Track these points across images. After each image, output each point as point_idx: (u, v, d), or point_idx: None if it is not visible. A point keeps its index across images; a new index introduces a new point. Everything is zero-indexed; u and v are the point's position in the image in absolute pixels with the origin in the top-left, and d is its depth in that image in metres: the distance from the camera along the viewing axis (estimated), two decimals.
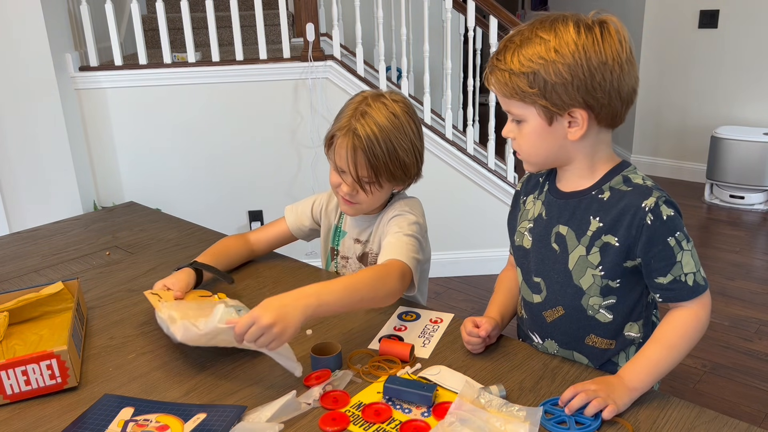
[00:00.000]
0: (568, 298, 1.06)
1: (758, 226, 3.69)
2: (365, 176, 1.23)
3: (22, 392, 0.97)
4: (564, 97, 0.95)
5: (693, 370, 2.27)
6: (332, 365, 1.02)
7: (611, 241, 1.00)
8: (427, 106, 2.98)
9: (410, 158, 1.25)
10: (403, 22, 2.99)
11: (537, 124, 0.99)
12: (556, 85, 0.94)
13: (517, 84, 0.96)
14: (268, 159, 2.94)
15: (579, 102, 0.95)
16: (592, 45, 0.93)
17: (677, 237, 0.96)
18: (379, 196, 1.29)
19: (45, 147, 2.66)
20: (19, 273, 1.47)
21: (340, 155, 1.24)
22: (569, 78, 0.93)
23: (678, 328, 0.98)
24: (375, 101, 1.24)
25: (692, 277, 0.97)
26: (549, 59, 0.93)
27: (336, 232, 1.43)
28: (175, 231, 1.71)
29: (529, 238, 1.11)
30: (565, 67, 0.93)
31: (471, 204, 3.05)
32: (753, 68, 4.03)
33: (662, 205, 0.96)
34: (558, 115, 0.97)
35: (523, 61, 0.95)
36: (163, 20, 2.77)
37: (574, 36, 0.93)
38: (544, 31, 0.95)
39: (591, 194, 1.03)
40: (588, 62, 0.93)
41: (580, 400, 0.89)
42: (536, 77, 0.94)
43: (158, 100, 2.83)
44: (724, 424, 0.88)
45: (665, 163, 4.48)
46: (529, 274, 1.12)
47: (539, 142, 1.01)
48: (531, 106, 0.98)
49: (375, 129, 1.20)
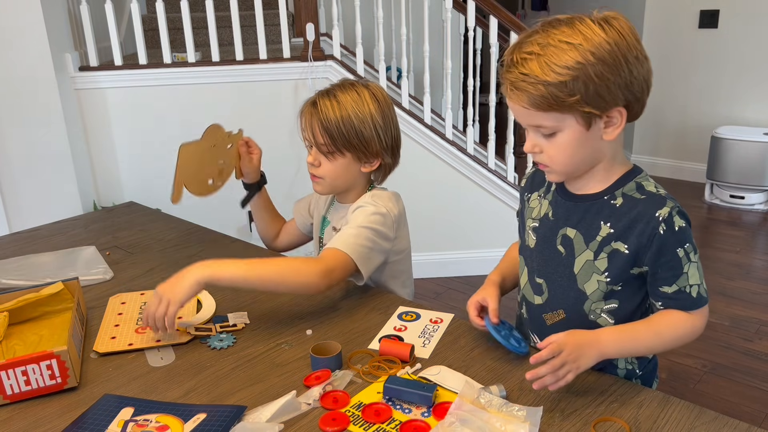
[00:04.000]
0: (570, 302, 1.05)
1: (758, 226, 3.69)
2: (322, 142, 1.30)
3: (22, 392, 0.97)
4: (607, 98, 0.92)
5: (693, 370, 2.27)
6: (332, 365, 1.02)
7: (621, 248, 0.99)
8: (427, 106, 2.98)
9: (368, 131, 1.29)
10: (403, 22, 2.99)
11: (575, 131, 0.94)
12: (599, 87, 0.90)
13: (556, 95, 0.90)
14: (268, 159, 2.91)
15: (620, 99, 0.93)
16: (622, 40, 0.91)
17: (686, 248, 0.97)
18: (341, 171, 1.33)
19: (45, 147, 2.66)
20: None
21: (302, 127, 1.34)
22: (612, 78, 0.90)
23: (672, 323, 0.99)
24: (344, 85, 1.33)
25: (696, 289, 0.98)
26: (587, 62, 0.89)
27: (323, 222, 1.48)
28: (175, 231, 1.71)
29: (533, 237, 1.10)
30: (606, 67, 0.90)
31: (471, 204, 3.05)
32: (753, 68, 4.03)
33: (675, 216, 0.96)
34: (597, 117, 0.93)
35: (558, 69, 0.89)
36: (163, 20, 2.77)
37: (602, 34, 0.90)
38: (566, 35, 0.91)
39: (603, 199, 1.02)
40: (625, 59, 0.91)
41: (546, 369, 0.90)
42: (576, 83, 0.89)
43: (158, 100, 2.83)
44: (724, 424, 0.88)
45: (665, 162, 4.48)
46: (532, 274, 1.11)
47: (577, 150, 0.97)
48: (568, 115, 0.93)
49: (333, 100, 1.29)
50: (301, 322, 1.19)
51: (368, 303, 1.27)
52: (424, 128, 2.92)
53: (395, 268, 1.38)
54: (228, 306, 1.26)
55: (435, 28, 3.42)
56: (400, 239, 1.36)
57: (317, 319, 1.20)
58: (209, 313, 1.21)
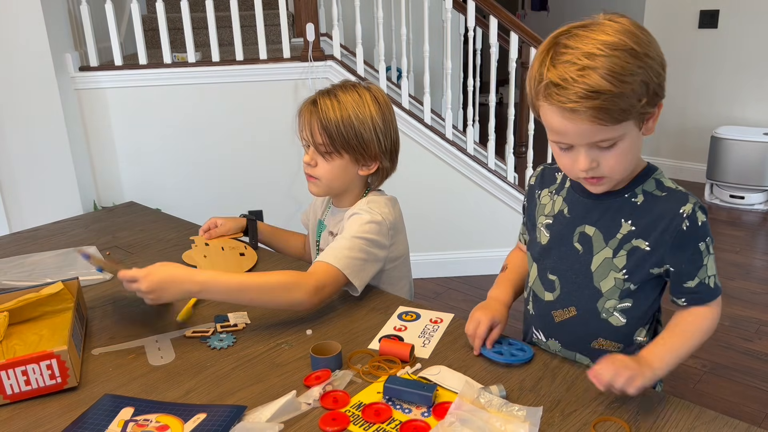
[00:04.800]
0: (584, 300, 1.05)
1: (758, 226, 3.69)
2: (320, 142, 1.29)
3: (22, 392, 0.97)
4: (659, 93, 0.91)
5: (693, 370, 2.27)
6: (332, 365, 1.02)
7: (641, 245, 0.99)
8: (427, 106, 2.98)
9: (368, 133, 1.28)
10: (403, 22, 2.99)
11: (633, 135, 0.92)
12: (656, 85, 0.90)
13: (629, 104, 0.87)
14: (269, 159, 2.94)
15: (665, 92, 0.93)
16: (651, 35, 0.91)
17: (707, 242, 0.99)
18: (337, 172, 1.31)
19: (45, 147, 2.66)
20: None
21: (301, 126, 1.33)
22: (663, 72, 0.91)
23: (695, 322, 1.00)
24: (345, 86, 1.32)
25: (713, 279, 1.00)
26: (646, 64, 0.88)
27: (320, 225, 1.48)
28: (175, 231, 1.71)
29: (547, 234, 1.10)
30: (658, 63, 0.90)
31: (471, 204, 3.05)
32: (753, 68, 4.04)
33: (698, 212, 0.97)
34: (650, 115, 0.92)
35: (623, 78, 0.85)
36: (163, 20, 2.77)
37: (639, 32, 0.89)
38: (609, 42, 0.86)
39: (623, 197, 1.01)
40: (658, 49, 0.91)
41: (620, 380, 0.87)
42: (640, 87, 0.88)
43: (158, 100, 2.83)
44: (724, 424, 0.88)
45: (665, 163, 4.48)
46: (544, 271, 1.11)
47: (633, 154, 0.95)
48: (629, 120, 0.90)
49: (334, 100, 1.29)
50: (301, 322, 1.19)
51: (368, 303, 1.27)
52: (424, 128, 2.92)
53: (392, 275, 1.37)
54: (228, 306, 1.26)
55: (435, 28, 3.42)
56: (396, 245, 1.34)
57: (317, 319, 1.20)
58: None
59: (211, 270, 1.30)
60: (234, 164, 2.92)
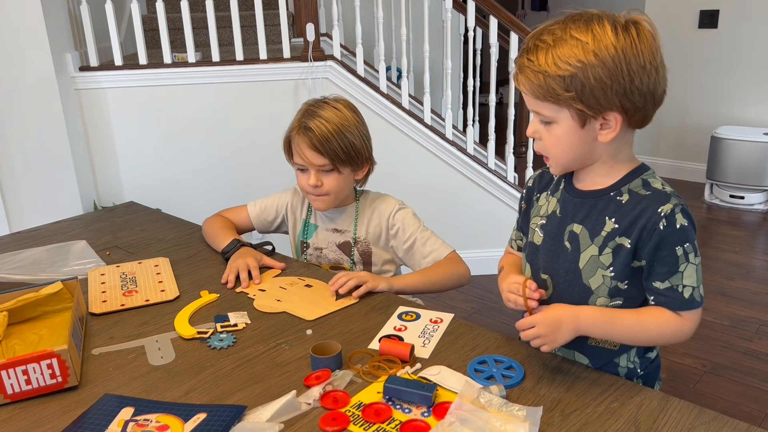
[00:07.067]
0: (575, 298, 1.05)
1: (758, 226, 3.69)
2: (324, 164, 1.38)
3: (23, 392, 0.97)
4: (602, 101, 0.92)
5: (693, 370, 2.27)
6: (332, 365, 1.02)
7: (624, 243, 1.00)
8: (427, 106, 2.98)
9: (359, 141, 1.40)
10: (403, 22, 2.99)
11: (568, 126, 0.96)
12: (595, 88, 0.91)
13: (552, 86, 0.92)
14: (269, 159, 2.93)
15: (616, 105, 0.93)
16: (631, 48, 0.91)
17: (686, 248, 0.96)
18: (342, 184, 1.42)
19: (45, 147, 2.66)
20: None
21: (298, 152, 1.40)
22: (609, 82, 0.91)
23: (658, 319, 0.99)
24: (318, 104, 1.41)
25: (689, 290, 0.97)
26: (588, 62, 0.90)
27: (306, 226, 1.55)
28: (175, 231, 1.71)
29: (540, 234, 1.11)
30: (605, 71, 0.90)
31: (471, 204, 3.05)
32: (753, 68, 4.03)
33: (678, 214, 0.96)
34: (592, 117, 0.94)
35: (559, 63, 0.91)
36: (163, 20, 2.77)
37: (612, 38, 0.90)
38: (579, 31, 0.91)
39: (609, 195, 1.02)
40: (628, 66, 0.91)
41: (527, 337, 0.98)
42: (573, 80, 0.91)
43: (158, 100, 2.83)
44: (724, 424, 0.88)
45: (665, 162, 4.48)
46: (537, 271, 1.11)
47: (569, 145, 0.99)
48: (564, 109, 0.95)
49: (324, 121, 1.37)
50: (301, 322, 1.19)
51: (368, 303, 1.27)
52: (424, 128, 2.92)
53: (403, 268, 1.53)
54: (228, 306, 1.26)
55: (435, 28, 3.42)
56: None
57: (317, 319, 1.20)
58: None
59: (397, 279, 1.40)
60: (234, 164, 2.92)
